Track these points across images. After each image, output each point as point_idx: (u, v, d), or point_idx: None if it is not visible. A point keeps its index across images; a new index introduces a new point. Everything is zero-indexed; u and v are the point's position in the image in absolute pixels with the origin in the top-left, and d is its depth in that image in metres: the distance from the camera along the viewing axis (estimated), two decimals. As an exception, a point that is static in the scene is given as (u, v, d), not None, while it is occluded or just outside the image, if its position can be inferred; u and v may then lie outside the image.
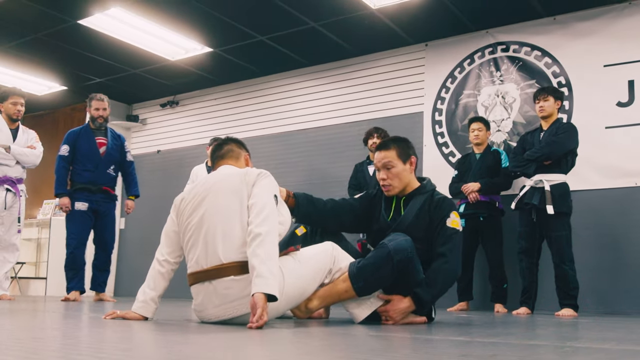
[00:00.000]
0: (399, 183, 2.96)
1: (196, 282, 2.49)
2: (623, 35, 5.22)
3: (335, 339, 1.99)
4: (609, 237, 5.06)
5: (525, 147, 4.76)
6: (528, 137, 4.84)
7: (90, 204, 5.34)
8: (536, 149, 4.62)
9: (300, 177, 6.70)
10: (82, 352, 1.42)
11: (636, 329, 2.86)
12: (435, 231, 2.85)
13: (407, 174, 2.98)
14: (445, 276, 2.79)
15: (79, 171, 5.36)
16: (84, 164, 5.37)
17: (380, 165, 2.98)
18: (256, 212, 2.40)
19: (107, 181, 5.46)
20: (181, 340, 1.78)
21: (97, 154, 5.41)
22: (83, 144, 5.40)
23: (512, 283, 5.01)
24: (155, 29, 5.98)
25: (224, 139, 2.89)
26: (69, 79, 7.58)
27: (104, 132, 5.51)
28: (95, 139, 5.44)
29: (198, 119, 7.91)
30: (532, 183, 4.62)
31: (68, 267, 5.31)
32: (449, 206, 2.90)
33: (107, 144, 5.47)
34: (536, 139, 4.72)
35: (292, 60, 6.82)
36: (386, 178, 2.96)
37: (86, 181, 5.35)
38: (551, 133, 4.65)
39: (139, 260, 7.04)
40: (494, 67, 5.84)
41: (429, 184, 3.04)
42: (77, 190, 5.34)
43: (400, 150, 2.98)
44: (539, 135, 4.74)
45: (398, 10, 5.52)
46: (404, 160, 2.96)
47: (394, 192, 2.98)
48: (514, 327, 2.87)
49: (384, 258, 2.59)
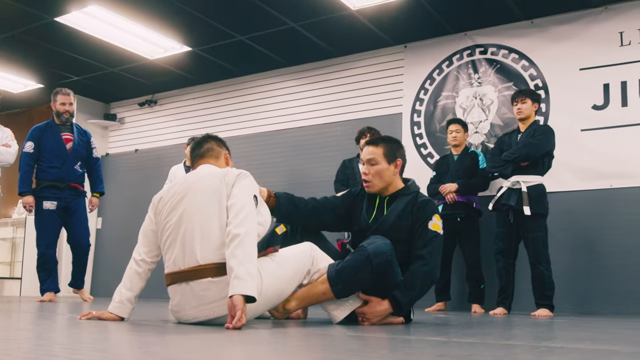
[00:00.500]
0: (379, 181, 2.97)
1: (173, 283, 2.47)
2: (599, 40, 5.29)
3: (313, 339, 1.99)
4: (584, 239, 5.12)
5: (502, 149, 4.80)
6: (505, 139, 4.87)
7: (59, 202, 5.23)
8: (513, 151, 4.65)
9: (280, 178, 6.69)
10: (56, 353, 1.41)
11: (610, 329, 2.90)
12: (417, 233, 2.87)
13: (390, 174, 2.99)
14: (423, 279, 2.79)
15: (45, 168, 5.23)
16: (50, 160, 5.24)
17: (365, 160, 3.01)
18: (235, 212, 2.39)
19: (75, 177, 5.34)
20: (158, 341, 1.77)
21: (64, 150, 5.28)
22: (48, 139, 5.27)
23: (490, 283, 5.05)
24: (133, 27, 5.93)
25: (204, 137, 2.85)
26: (45, 77, 7.49)
27: (69, 127, 5.39)
28: (61, 134, 5.32)
29: (176, 119, 7.87)
30: (509, 184, 4.65)
31: (40, 269, 5.22)
32: (432, 209, 2.92)
33: (73, 140, 5.35)
34: (513, 141, 4.76)
35: (271, 60, 6.81)
36: (367, 173, 2.98)
37: (53, 178, 5.22)
38: (528, 135, 4.68)
39: (116, 259, 6.97)
40: (472, 70, 5.89)
41: (413, 186, 3.06)
42: (44, 188, 5.21)
43: (387, 149, 3.00)
44: (517, 137, 4.78)
45: (377, 12, 5.54)
46: (389, 160, 2.98)
47: (373, 189, 2.99)
48: (490, 327, 2.90)
49: (363, 261, 2.60)
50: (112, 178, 8.15)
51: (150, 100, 8.08)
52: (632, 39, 5.16)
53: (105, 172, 8.18)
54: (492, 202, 4.78)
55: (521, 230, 4.63)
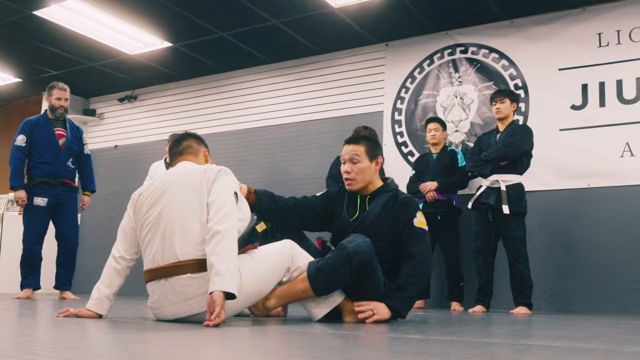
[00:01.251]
0: (361, 179, 2.99)
1: (152, 279, 2.46)
2: (577, 40, 5.35)
3: (293, 337, 1.99)
4: (562, 237, 5.18)
5: (482, 148, 4.84)
6: (485, 138, 4.91)
7: (50, 198, 5.17)
8: (492, 150, 4.69)
9: (261, 175, 6.68)
10: (33, 351, 1.39)
11: (586, 326, 2.94)
12: (404, 232, 2.89)
13: (371, 172, 3.01)
14: (417, 278, 2.83)
15: (37, 164, 5.17)
16: (42, 155, 5.18)
17: (347, 158, 3.01)
18: (216, 209, 2.38)
19: (67, 173, 5.29)
20: (136, 339, 1.76)
21: (57, 146, 5.23)
22: (41, 134, 5.21)
23: (469, 281, 5.09)
24: (113, 22, 5.88)
25: (182, 134, 2.85)
26: (23, 71, 7.39)
27: (62, 123, 5.34)
28: (54, 129, 5.26)
29: (157, 114, 7.81)
30: (489, 183, 4.69)
31: (24, 264, 5.16)
32: (414, 206, 2.95)
33: (66, 136, 5.30)
34: (492, 140, 4.80)
35: (252, 57, 6.79)
36: (350, 172, 2.99)
37: (45, 174, 5.17)
38: (507, 135, 4.72)
39: (95, 256, 6.90)
40: (453, 69, 5.92)
41: (393, 183, 3.09)
42: (36, 185, 5.15)
43: (369, 147, 3.02)
44: (496, 136, 4.81)
45: (359, 10, 5.55)
46: (370, 158, 3.00)
47: (354, 187, 3.00)
48: (469, 325, 2.92)
49: (343, 259, 2.60)
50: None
51: (130, 96, 8.02)
52: (610, 40, 5.22)
53: (84, 168, 8.12)
54: (471, 201, 4.82)
55: (500, 229, 4.67)
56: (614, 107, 5.12)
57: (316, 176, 6.08)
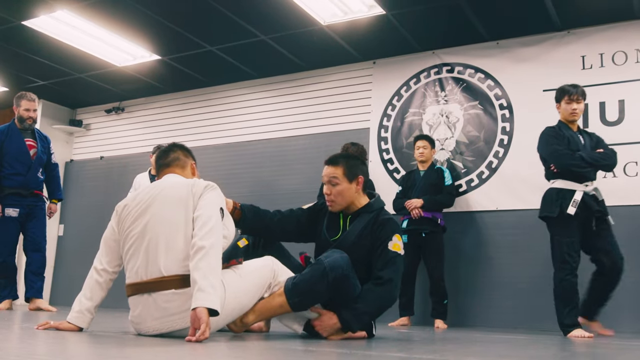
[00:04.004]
0: (341, 200, 2.97)
1: (135, 294, 2.44)
2: (561, 62, 5.42)
3: (273, 353, 1.99)
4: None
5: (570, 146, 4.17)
6: (564, 133, 4.22)
7: (21, 209, 5.14)
8: (603, 155, 4.11)
9: (246, 189, 6.68)
10: (11, 365, 1.38)
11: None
12: (376, 252, 2.86)
13: (352, 192, 2.97)
14: (376, 298, 2.77)
15: (8, 175, 5.12)
16: (13, 167, 5.13)
17: (326, 180, 2.99)
18: (201, 224, 2.37)
19: (37, 185, 5.27)
20: (116, 354, 1.76)
21: (28, 157, 5.19)
22: (12, 145, 5.15)
23: (452, 299, 5.10)
24: (102, 33, 5.88)
25: (170, 146, 2.82)
26: (10, 80, 7.36)
27: (31, 133, 5.29)
28: (25, 140, 5.21)
29: (144, 127, 7.80)
30: (590, 190, 4.10)
31: (1, 275, 5.12)
32: (392, 228, 2.90)
33: (36, 147, 5.26)
34: (578, 141, 4.19)
35: (240, 72, 6.82)
36: (330, 194, 2.98)
37: (17, 185, 5.13)
38: (593, 140, 4.23)
39: (78, 268, 6.84)
40: (439, 87, 5.98)
41: (377, 203, 3.04)
42: (7, 195, 5.11)
43: (347, 169, 2.97)
44: (577, 136, 4.23)
45: (347, 28, 5.60)
46: (349, 179, 2.96)
47: (336, 208, 3.00)
48: (451, 343, 2.93)
49: (319, 275, 2.60)
50: (76, 184, 8.04)
51: (117, 108, 8.01)
52: (593, 63, 5.31)
53: (69, 178, 8.09)
54: (572, 206, 4.04)
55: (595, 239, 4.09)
56: (597, 128, 5.16)
57: (302, 191, 6.10)
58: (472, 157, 5.71)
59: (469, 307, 5.42)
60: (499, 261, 5.40)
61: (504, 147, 5.56)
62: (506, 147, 5.55)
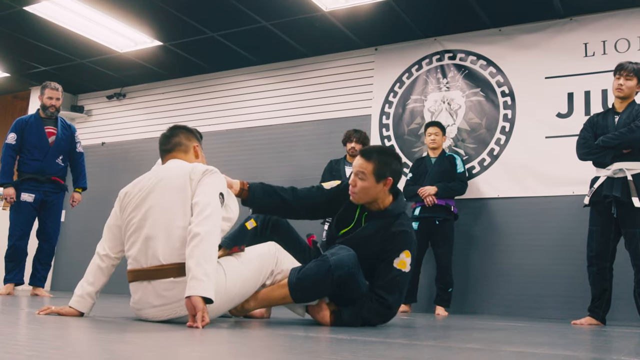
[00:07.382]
0: (364, 196, 2.86)
1: (135, 280, 2.45)
2: (564, 50, 5.40)
3: (275, 339, 2.00)
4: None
5: (596, 132, 4.15)
6: (599, 120, 4.20)
7: (37, 194, 5.21)
8: (615, 135, 4.01)
9: (246, 176, 6.59)
10: (10, 349, 1.39)
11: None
12: (380, 265, 2.80)
13: (377, 191, 2.85)
14: (379, 316, 2.80)
15: (27, 160, 5.23)
16: (31, 153, 5.24)
17: (355, 171, 2.88)
18: (198, 211, 2.35)
19: (56, 171, 5.33)
20: (117, 339, 1.76)
21: (46, 143, 5.28)
22: (32, 132, 5.27)
23: (458, 287, 5.08)
24: (104, 19, 5.87)
25: (172, 129, 2.76)
26: (12, 65, 7.35)
27: (54, 121, 5.39)
28: (45, 128, 5.31)
29: (145, 113, 7.80)
30: (610, 173, 4.02)
31: (9, 259, 5.18)
32: (402, 243, 2.79)
33: (56, 134, 5.35)
34: (609, 122, 4.13)
35: (242, 58, 6.79)
36: (355, 186, 2.86)
37: (34, 171, 5.22)
38: (629, 116, 4.05)
39: (80, 254, 6.88)
40: (441, 74, 5.96)
41: (397, 207, 2.91)
42: (25, 181, 5.20)
43: (377, 167, 2.83)
44: (613, 118, 4.14)
45: (349, 14, 5.57)
46: (377, 179, 2.82)
47: (357, 201, 2.90)
48: (453, 330, 2.94)
49: (324, 273, 2.58)
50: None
51: (118, 94, 8.00)
52: (595, 50, 5.28)
53: (71, 164, 8.08)
54: (588, 195, 4.11)
55: (625, 227, 3.99)
56: (599, 116, 5.16)
57: (302, 178, 6.09)
58: (474, 144, 5.70)
59: (469, 295, 5.43)
60: (499, 248, 5.41)
61: (505, 135, 5.55)
62: (508, 134, 5.54)
